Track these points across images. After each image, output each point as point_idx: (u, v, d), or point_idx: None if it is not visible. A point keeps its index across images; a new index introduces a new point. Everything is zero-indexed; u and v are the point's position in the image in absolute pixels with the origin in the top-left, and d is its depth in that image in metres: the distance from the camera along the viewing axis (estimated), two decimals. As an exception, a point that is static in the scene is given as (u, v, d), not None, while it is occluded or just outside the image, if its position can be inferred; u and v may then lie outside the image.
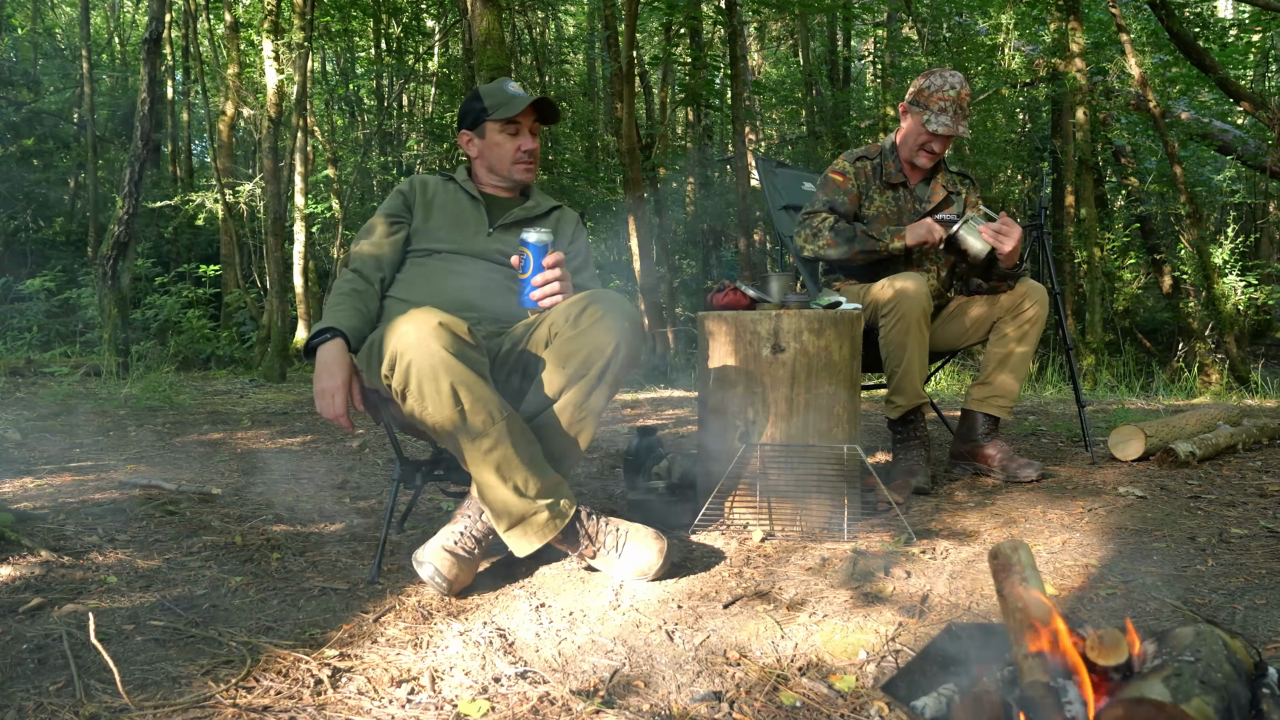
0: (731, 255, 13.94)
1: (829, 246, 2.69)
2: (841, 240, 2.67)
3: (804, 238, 2.75)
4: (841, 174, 2.79)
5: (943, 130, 2.63)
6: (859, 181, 2.78)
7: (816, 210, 2.77)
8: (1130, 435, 2.89)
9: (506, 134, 2.11)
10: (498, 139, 2.11)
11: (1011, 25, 10.83)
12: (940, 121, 2.64)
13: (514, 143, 2.11)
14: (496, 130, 2.11)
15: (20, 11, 13.72)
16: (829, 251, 2.69)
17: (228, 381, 6.91)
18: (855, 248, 2.66)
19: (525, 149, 2.11)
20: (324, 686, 1.30)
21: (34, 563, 1.80)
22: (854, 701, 1.28)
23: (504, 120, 2.09)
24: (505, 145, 2.11)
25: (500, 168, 2.13)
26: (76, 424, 3.90)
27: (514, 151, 2.11)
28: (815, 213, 2.76)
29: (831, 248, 2.68)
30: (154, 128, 6.75)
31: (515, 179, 2.14)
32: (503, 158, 2.12)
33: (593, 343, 1.77)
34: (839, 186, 2.78)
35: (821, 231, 2.71)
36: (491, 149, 2.12)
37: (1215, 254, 10.03)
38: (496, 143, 2.11)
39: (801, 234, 2.77)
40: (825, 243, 2.69)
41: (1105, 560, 1.89)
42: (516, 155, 2.11)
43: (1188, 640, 1.00)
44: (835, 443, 2.15)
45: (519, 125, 2.10)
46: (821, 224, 2.72)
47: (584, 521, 1.77)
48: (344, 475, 2.90)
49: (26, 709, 1.20)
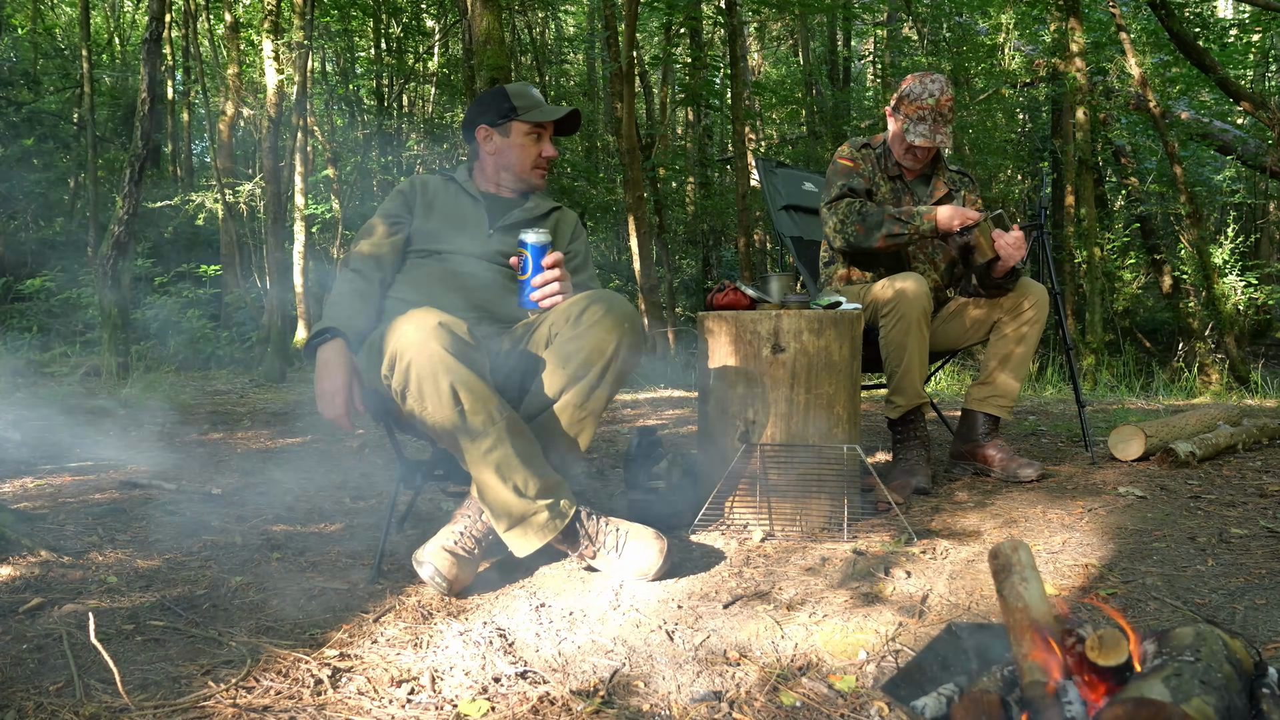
0: (731, 255, 13.93)
1: (859, 235, 2.64)
2: (871, 226, 2.63)
3: (833, 227, 2.71)
4: (850, 159, 2.78)
5: (919, 141, 2.63)
6: (865, 167, 2.78)
7: (839, 197, 2.72)
8: (1130, 435, 2.89)
9: (532, 138, 2.13)
10: (522, 141, 2.13)
11: (1011, 25, 10.82)
12: (918, 131, 2.63)
13: (537, 147, 2.14)
14: (524, 132, 2.13)
15: (20, 12, 13.71)
16: (860, 240, 2.65)
17: (228, 381, 6.91)
18: (883, 233, 2.61)
19: (547, 155, 2.14)
20: (324, 686, 1.30)
21: (34, 563, 1.80)
22: (854, 701, 1.28)
23: (533, 123, 2.11)
24: (529, 148, 2.13)
25: (519, 169, 2.15)
26: (76, 424, 3.90)
27: (536, 156, 2.14)
28: (839, 200, 2.72)
29: (861, 235, 2.64)
30: (154, 128, 6.75)
31: (532, 183, 2.17)
32: (524, 160, 2.14)
33: (593, 343, 1.77)
34: (851, 170, 2.76)
35: (849, 219, 2.66)
36: (513, 149, 2.14)
37: (1215, 254, 10.02)
38: (520, 144, 2.13)
39: (830, 224, 2.72)
40: (855, 230, 2.64)
41: (1105, 560, 1.89)
42: (538, 160, 2.14)
43: (1188, 640, 1.00)
44: (835, 443, 2.15)
45: (543, 131, 2.14)
46: (849, 210, 2.67)
47: (584, 521, 1.77)
48: (344, 475, 2.90)
49: (26, 709, 1.20)
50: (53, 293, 10.29)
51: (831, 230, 2.73)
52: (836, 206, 2.72)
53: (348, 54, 13.73)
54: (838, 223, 2.70)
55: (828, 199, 2.77)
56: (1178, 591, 1.70)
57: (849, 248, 2.72)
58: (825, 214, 2.77)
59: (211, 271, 11.10)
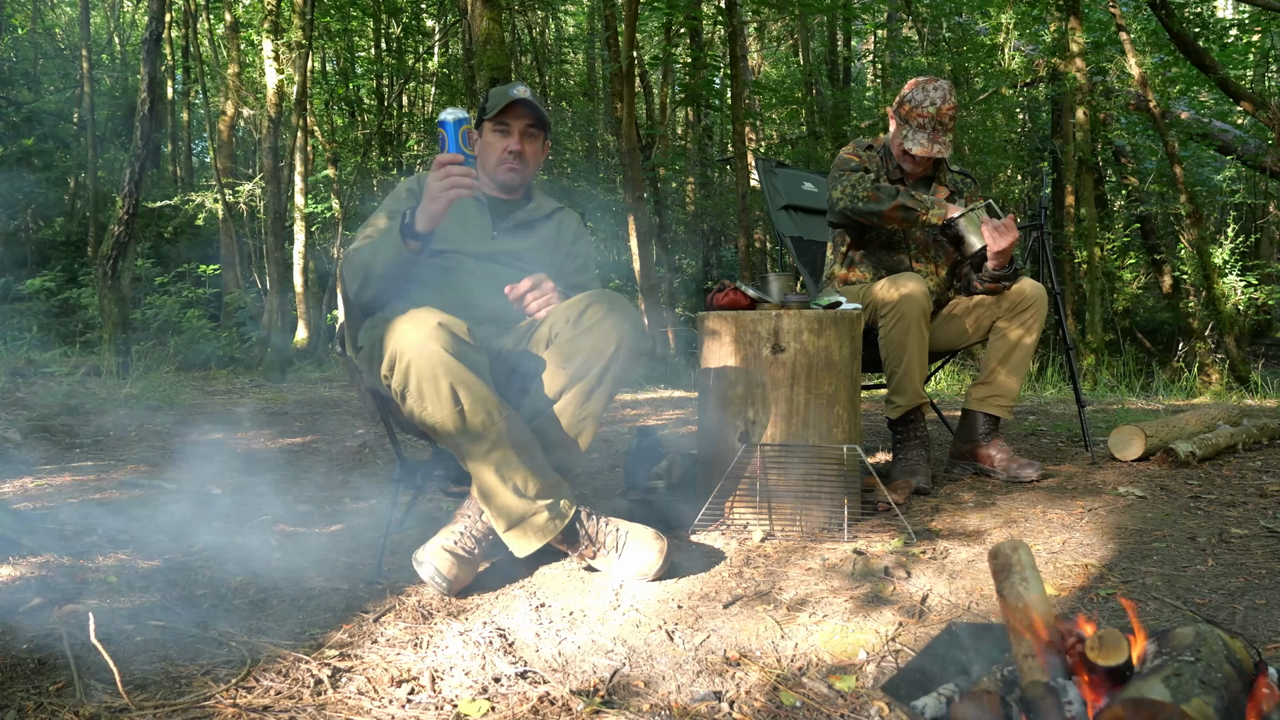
0: (731, 255, 13.93)
1: (870, 200, 2.61)
2: (884, 195, 2.60)
3: (841, 190, 2.67)
4: (855, 155, 2.78)
5: (917, 150, 2.62)
6: (871, 165, 2.78)
7: (853, 169, 2.70)
8: (1130, 435, 2.89)
9: (497, 134, 2.10)
10: (490, 139, 2.11)
11: (1011, 25, 10.82)
12: (917, 140, 2.62)
13: (503, 143, 2.10)
14: (490, 130, 2.10)
15: (20, 12, 13.71)
16: (869, 205, 2.61)
17: (228, 381, 6.91)
18: (899, 201, 2.58)
19: (510, 149, 2.09)
20: (324, 686, 1.30)
21: (34, 563, 1.80)
22: (854, 701, 1.28)
23: (494, 120, 2.08)
24: (495, 145, 2.10)
25: (489, 166, 2.13)
26: (76, 424, 3.90)
27: (501, 152, 2.10)
28: (852, 170, 2.70)
29: (874, 201, 2.60)
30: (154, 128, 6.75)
31: (499, 179, 2.13)
32: (491, 157, 2.12)
33: (593, 343, 1.77)
34: (860, 163, 2.76)
35: (862, 184, 2.64)
36: (485, 148, 2.12)
37: (1215, 254, 10.02)
38: (489, 142, 2.11)
39: (838, 188, 2.69)
40: (866, 194, 2.62)
41: (1105, 560, 1.89)
42: (502, 156, 2.10)
43: (1188, 640, 1.00)
44: (835, 443, 2.15)
45: (509, 126, 2.09)
46: (861, 179, 2.65)
47: (584, 521, 1.77)
48: (344, 475, 2.90)
49: (26, 709, 1.20)
50: (53, 293, 10.29)
51: (839, 194, 2.68)
52: (848, 176, 2.68)
53: (348, 54, 13.73)
54: (848, 187, 2.66)
55: (836, 175, 2.74)
56: (1178, 591, 1.70)
57: (852, 211, 2.66)
58: (833, 186, 2.73)
59: (211, 271, 11.10)
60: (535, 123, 2.10)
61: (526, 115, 2.08)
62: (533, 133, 2.11)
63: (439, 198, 1.74)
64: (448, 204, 1.75)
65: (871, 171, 2.75)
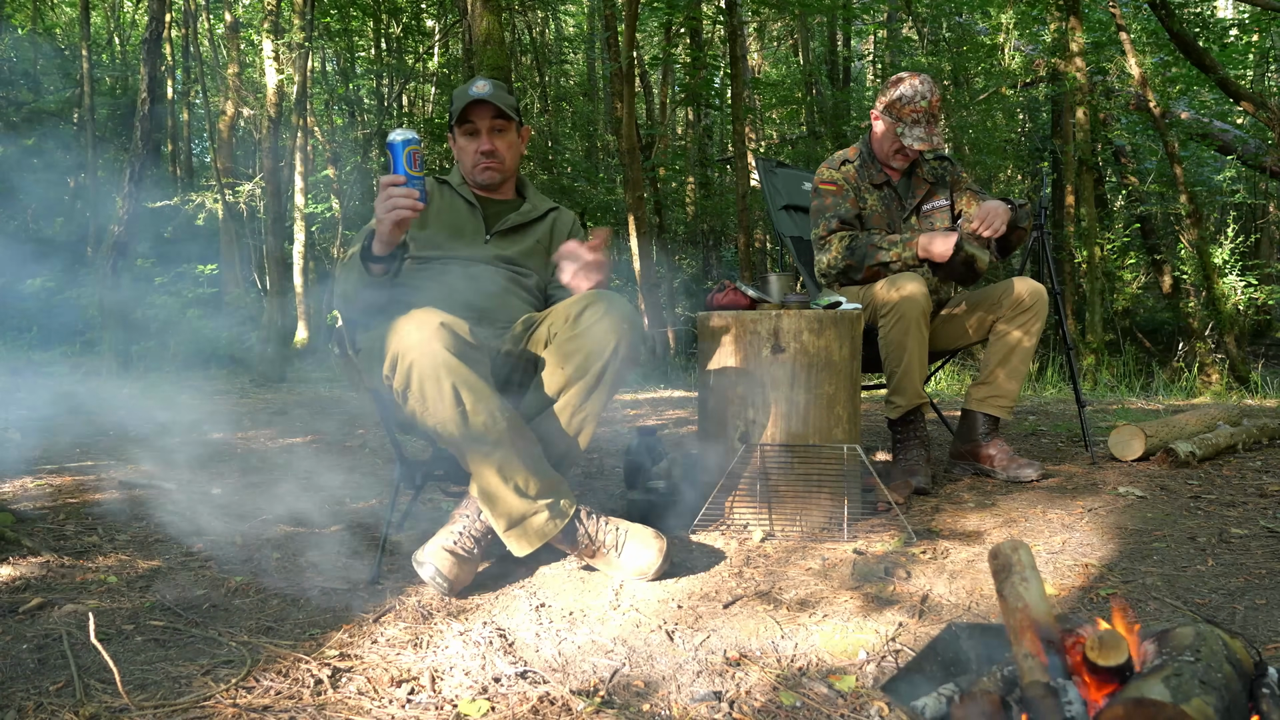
0: (731, 255, 13.93)
1: (851, 269, 2.70)
2: (856, 259, 2.68)
3: (827, 263, 2.75)
4: (831, 183, 2.79)
5: (918, 145, 2.66)
6: (849, 185, 2.79)
7: (831, 232, 2.75)
8: (1130, 435, 2.89)
9: (467, 138, 2.07)
10: (462, 143, 2.09)
11: (1011, 25, 10.82)
12: (915, 135, 2.66)
13: (473, 145, 2.07)
14: (460, 135, 2.09)
15: (20, 11, 13.71)
16: (853, 274, 2.71)
17: (228, 381, 6.91)
18: (869, 263, 2.67)
19: (482, 150, 2.06)
20: (324, 686, 1.30)
21: (34, 563, 1.80)
22: (854, 701, 1.28)
23: (460, 124, 2.06)
24: (467, 149, 2.08)
25: (465, 170, 2.11)
26: (78, 424, 3.90)
27: (473, 154, 2.07)
28: (829, 235, 2.75)
29: (853, 269, 2.69)
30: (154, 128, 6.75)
31: (479, 180, 2.11)
32: (465, 161, 2.10)
33: (592, 343, 1.77)
34: (835, 193, 2.78)
35: (839, 255, 2.71)
36: (460, 154, 2.10)
37: (1215, 254, 10.02)
38: (461, 147, 2.10)
39: (823, 262, 2.77)
40: (846, 264, 2.70)
41: (1105, 560, 1.89)
42: (475, 158, 2.08)
43: (1188, 640, 1.00)
44: (835, 443, 2.15)
45: (475, 126, 2.06)
46: (840, 245, 2.71)
47: (584, 521, 1.77)
48: (344, 475, 2.90)
49: (26, 709, 1.20)
50: (53, 292, 10.29)
51: (826, 265, 2.76)
52: (829, 243, 2.75)
53: (348, 54, 13.73)
54: (833, 258, 2.73)
55: (818, 234, 2.79)
56: (1178, 591, 1.70)
57: (846, 282, 2.76)
58: (817, 251, 2.80)
59: (210, 271, 11.10)
60: (500, 115, 2.06)
61: (489, 111, 2.05)
62: (500, 125, 2.07)
63: (384, 219, 1.69)
64: (393, 225, 1.70)
65: (849, 195, 2.76)
